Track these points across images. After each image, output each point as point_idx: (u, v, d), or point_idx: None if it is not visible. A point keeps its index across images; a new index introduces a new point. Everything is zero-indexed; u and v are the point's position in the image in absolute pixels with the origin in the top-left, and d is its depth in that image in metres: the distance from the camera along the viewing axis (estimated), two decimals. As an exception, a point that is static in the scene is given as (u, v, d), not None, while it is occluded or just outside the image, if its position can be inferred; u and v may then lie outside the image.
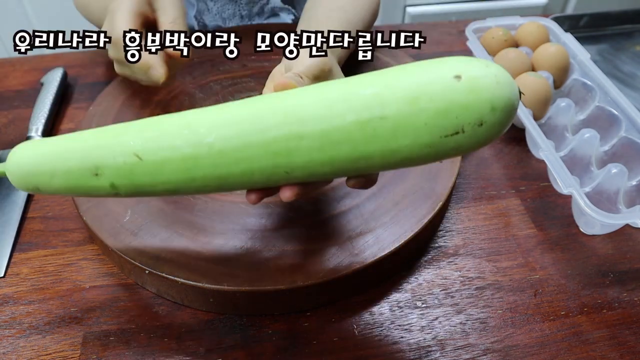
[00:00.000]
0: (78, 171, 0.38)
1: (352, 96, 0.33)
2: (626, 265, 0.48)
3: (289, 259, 0.43)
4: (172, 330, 0.43)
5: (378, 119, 0.32)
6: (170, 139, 0.36)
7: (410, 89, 0.32)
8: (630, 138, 0.53)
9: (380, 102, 0.32)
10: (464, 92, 0.31)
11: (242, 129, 0.34)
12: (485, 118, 0.31)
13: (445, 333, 0.43)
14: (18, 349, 0.42)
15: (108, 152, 0.37)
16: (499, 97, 0.31)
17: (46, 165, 0.38)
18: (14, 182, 0.40)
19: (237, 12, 0.77)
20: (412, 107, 0.31)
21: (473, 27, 0.69)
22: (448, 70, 0.31)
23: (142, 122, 0.38)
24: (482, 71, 0.31)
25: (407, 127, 0.32)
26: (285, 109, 0.34)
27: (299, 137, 0.33)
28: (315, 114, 0.33)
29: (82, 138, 0.39)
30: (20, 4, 1.35)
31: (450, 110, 0.31)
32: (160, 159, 0.36)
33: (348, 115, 0.33)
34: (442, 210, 0.49)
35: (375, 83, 0.33)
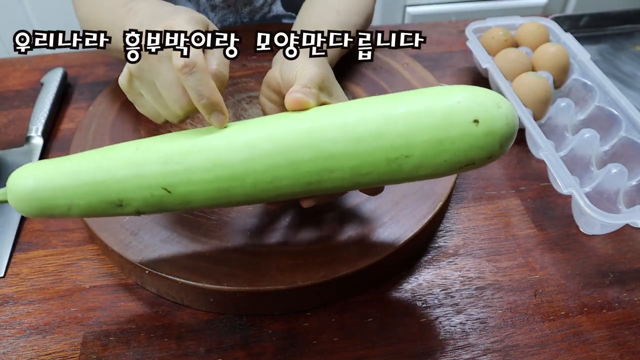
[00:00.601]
0: (99, 204, 0.37)
1: (382, 134, 0.35)
2: (626, 265, 0.48)
3: (289, 259, 0.43)
4: (172, 330, 0.43)
5: (404, 157, 0.35)
6: (200, 174, 0.36)
7: (435, 133, 0.35)
8: (630, 138, 0.53)
9: (407, 144, 0.35)
10: (481, 136, 0.35)
11: (274, 163, 0.36)
12: (494, 153, 0.36)
13: (445, 333, 0.43)
14: (18, 349, 0.42)
15: (133, 186, 0.36)
16: (507, 136, 0.35)
17: (60, 199, 0.37)
18: (18, 210, 0.38)
19: (238, 21, 0.77)
20: (436, 148, 0.35)
21: (473, 27, 0.69)
22: (467, 114, 0.34)
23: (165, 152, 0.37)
24: (495, 114, 0.35)
25: (429, 164, 0.36)
26: (317, 145, 0.35)
27: (330, 171, 0.36)
28: (346, 151, 0.35)
29: (99, 168, 0.37)
30: (20, 4, 1.35)
31: (468, 151, 0.35)
32: (190, 191, 0.36)
33: (377, 153, 0.35)
34: (442, 210, 0.49)
35: (401, 121, 0.35)
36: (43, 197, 0.37)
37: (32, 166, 0.38)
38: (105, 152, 0.38)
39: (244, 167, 0.36)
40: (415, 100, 0.36)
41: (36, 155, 0.58)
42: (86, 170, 0.37)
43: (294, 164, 0.36)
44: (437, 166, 0.36)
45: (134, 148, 0.37)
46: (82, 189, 0.37)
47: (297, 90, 0.39)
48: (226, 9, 0.75)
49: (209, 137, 0.37)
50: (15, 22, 1.37)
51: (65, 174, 0.37)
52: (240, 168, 0.36)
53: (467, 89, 0.36)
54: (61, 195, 0.37)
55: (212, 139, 0.37)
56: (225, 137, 0.37)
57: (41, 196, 0.37)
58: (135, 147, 0.37)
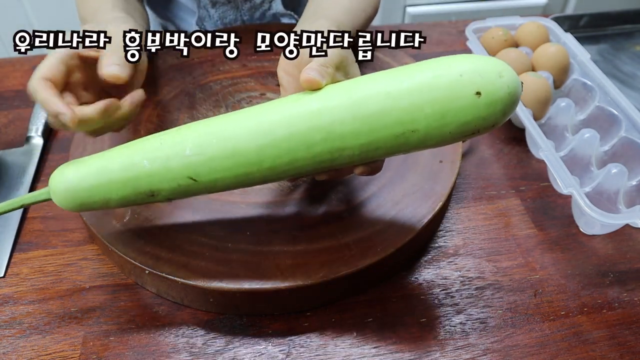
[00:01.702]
0: (133, 196, 0.40)
1: (386, 112, 0.36)
2: (626, 265, 0.48)
3: (289, 259, 0.43)
4: (172, 331, 0.43)
5: (410, 132, 0.37)
6: (222, 162, 0.39)
7: (437, 107, 0.36)
8: (630, 138, 0.53)
9: (411, 119, 0.36)
10: (483, 107, 0.36)
11: (289, 147, 0.38)
12: (498, 121, 0.37)
13: (445, 333, 0.43)
14: (18, 349, 0.42)
15: (161, 178, 0.39)
16: (509, 104, 0.36)
17: (97, 196, 0.40)
18: (62, 206, 0.41)
19: (238, 18, 0.77)
20: (440, 121, 0.36)
21: (473, 27, 0.69)
22: (470, 86, 0.35)
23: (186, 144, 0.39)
24: (497, 85, 0.35)
25: (434, 136, 0.37)
26: (326, 127, 0.37)
27: (341, 149, 0.38)
28: (354, 130, 0.37)
29: (129, 165, 0.39)
30: (20, 4, 1.35)
31: (471, 122, 0.36)
32: (213, 178, 0.39)
33: (384, 131, 0.37)
34: (442, 210, 0.49)
35: (405, 97, 0.36)
36: (81, 196, 0.40)
37: (68, 167, 0.41)
38: (132, 148, 0.40)
39: (260, 152, 0.38)
40: (418, 74, 0.37)
41: (36, 155, 0.58)
42: (117, 168, 0.40)
43: (308, 146, 0.38)
44: (443, 137, 0.37)
45: (158, 142, 0.40)
46: (116, 185, 0.40)
47: (314, 68, 0.39)
48: (226, 4, 0.75)
49: (226, 125, 0.39)
50: (15, 22, 1.37)
51: (98, 173, 0.40)
52: (257, 154, 0.38)
53: (469, 59, 0.36)
54: (97, 193, 0.40)
55: (229, 128, 0.39)
56: (240, 125, 0.39)
57: (80, 195, 0.40)
58: (159, 142, 0.40)
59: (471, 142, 0.60)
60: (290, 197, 0.49)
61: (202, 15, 0.75)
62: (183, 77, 0.63)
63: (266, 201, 0.48)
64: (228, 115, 0.40)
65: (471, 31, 0.68)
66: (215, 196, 0.48)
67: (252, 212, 0.47)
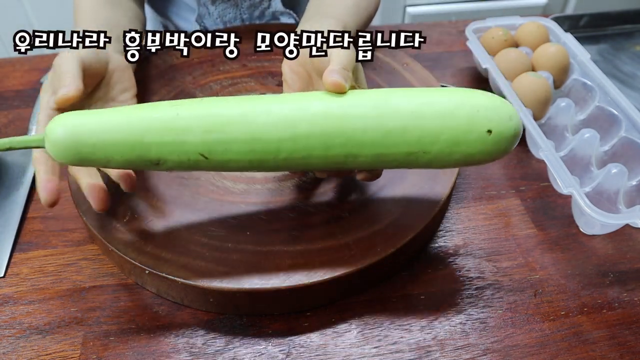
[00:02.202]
0: (138, 161, 0.39)
1: (408, 130, 0.38)
2: (626, 265, 0.48)
3: (289, 259, 0.43)
4: (172, 330, 0.43)
5: (422, 152, 0.39)
6: (239, 146, 0.38)
7: (454, 135, 0.38)
8: (630, 138, 0.53)
9: (429, 142, 0.39)
10: (490, 143, 0.39)
11: (309, 144, 0.39)
12: (497, 157, 0.40)
13: (445, 333, 0.43)
14: (18, 349, 0.42)
15: (172, 150, 0.38)
16: (512, 145, 0.40)
17: (100, 154, 0.38)
18: (56, 158, 0.38)
19: (238, 16, 0.77)
20: (451, 149, 0.39)
21: (473, 27, 0.69)
22: (484, 123, 0.38)
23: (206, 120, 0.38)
24: (506, 126, 0.38)
25: (441, 161, 0.40)
26: (348, 133, 0.39)
27: (356, 156, 0.40)
28: (374, 141, 0.39)
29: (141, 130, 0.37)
30: (20, 4, 1.35)
31: (477, 154, 0.39)
32: (226, 159, 0.39)
33: (401, 147, 0.39)
34: (442, 210, 0.49)
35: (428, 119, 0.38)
36: (84, 151, 0.37)
37: (70, 116, 0.38)
38: (146, 111, 0.39)
39: (280, 144, 0.38)
40: (444, 100, 0.39)
41: (36, 155, 0.58)
42: (128, 129, 0.38)
43: (326, 147, 0.39)
44: (447, 162, 0.40)
45: (175, 113, 0.38)
46: (123, 147, 0.38)
47: (337, 71, 0.40)
48: (226, 2, 0.75)
49: (251, 109, 0.39)
50: (15, 22, 1.37)
51: (104, 130, 0.37)
52: (277, 144, 0.38)
53: (484, 97, 0.39)
54: (101, 151, 0.38)
55: (254, 112, 0.38)
56: (266, 112, 0.38)
57: (79, 150, 0.37)
58: (176, 112, 0.38)
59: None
60: (290, 197, 0.49)
61: (201, 13, 0.75)
62: (183, 77, 0.63)
63: (266, 201, 0.48)
64: (252, 99, 0.40)
65: (471, 31, 0.68)
66: (216, 196, 0.48)
67: (252, 212, 0.47)
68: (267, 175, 0.50)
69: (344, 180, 0.50)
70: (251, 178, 0.50)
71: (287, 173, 0.51)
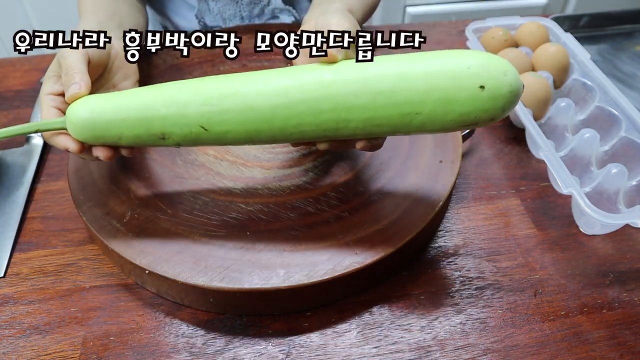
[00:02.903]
0: (146, 136, 0.42)
1: (397, 91, 0.39)
2: (626, 265, 0.48)
3: (289, 259, 0.43)
4: (172, 331, 0.43)
5: (415, 113, 0.39)
6: (235, 116, 0.41)
7: (444, 93, 0.38)
8: (630, 138, 0.53)
9: (419, 101, 0.39)
10: (485, 100, 0.38)
11: (300, 111, 0.40)
12: (496, 116, 0.39)
13: (445, 333, 0.43)
14: (18, 349, 0.42)
15: (175, 122, 0.41)
16: (509, 101, 0.39)
17: (113, 130, 0.42)
18: (75, 136, 0.42)
19: (237, 12, 0.77)
20: (444, 108, 0.39)
21: (473, 27, 0.69)
22: (475, 79, 0.38)
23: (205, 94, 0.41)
24: (500, 81, 0.38)
25: (436, 121, 0.40)
26: (336, 97, 0.39)
27: (347, 121, 0.40)
28: (362, 104, 0.39)
29: (147, 106, 0.41)
30: (20, 4, 1.35)
31: (472, 112, 0.39)
32: (224, 130, 0.41)
33: (391, 109, 0.39)
34: (442, 210, 0.49)
35: (416, 80, 0.39)
36: (98, 128, 0.42)
37: (88, 100, 0.42)
38: (152, 91, 0.42)
39: (272, 112, 0.40)
40: (431, 61, 0.39)
41: (36, 156, 0.58)
42: (135, 106, 0.41)
43: (316, 112, 0.40)
44: (443, 123, 0.40)
45: (177, 89, 0.42)
46: (131, 122, 0.41)
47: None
48: None
49: (244, 82, 0.41)
50: (15, 22, 1.37)
51: (117, 108, 0.42)
52: (269, 112, 0.40)
53: (478, 55, 0.39)
54: (114, 127, 0.42)
55: (247, 85, 0.41)
56: (258, 84, 0.41)
57: (96, 127, 0.42)
58: (178, 88, 0.42)
59: (471, 142, 0.60)
60: (290, 196, 0.49)
61: (201, 9, 0.75)
62: (183, 77, 0.63)
63: (266, 201, 0.48)
64: (246, 74, 0.42)
65: (471, 31, 0.68)
66: (216, 196, 0.48)
67: (252, 212, 0.47)
68: (267, 175, 0.50)
69: (344, 181, 0.50)
70: (251, 178, 0.50)
71: (288, 173, 0.51)
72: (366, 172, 0.51)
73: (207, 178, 0.50)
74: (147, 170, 0.51)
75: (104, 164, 0.52)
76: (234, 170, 0.51)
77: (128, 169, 0.51)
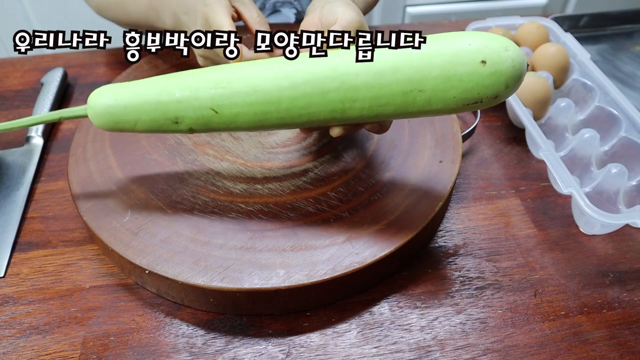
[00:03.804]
0: (161, 120, 0.44)
1: (398, 69, 0.40)
2: (626, 265, 0.48)
3: (289, 259, 0.43)
4: (172, 330, 0.43)
5: (418, 91, 0.40)
6: (244, 97, 0.42)
7: (444, 69, 0.39)
8: (630, 138, 0.53)
9: (420, 78, 0.40)
10: (487, 75, 0.38)
11: (306, 91, 0.41)
12: (500, 93, 0.39)
13: (445, 333, 0.43)
14: (18, 349, 0.42)
15: (187, 106, 0.43)
16: (512, 77, 0.39)
17: (131, 115, 0.44)
18: (95, 124, 0.45)
19: None
20: (445, 84, 0.39)
21: (473, 27, 0.69)
22: (476, 54, 0.38)
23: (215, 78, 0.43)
24: (502, 56, 0.38)
25: (439, 98, 0.40)
26: (341, 77, 0.41)
27: (353, 100, 0.41)
28: (366, 83, 0.40)
29: (162, 91, 0.43)
30: (20, 4, 1.35)
31: (475, 88, 0.39)
32: (234, 112, 0.43)
33: (394, 86, 0.40)
34: (442, 210, 0.49)
35: (416, 58, 0.40)
36: (116, 113, 0.44)
37: (107, 88, 0.45)
38: (167, 78, 0.45)
39: (279, 93, 0.42)
40: (432, 42, 0.40)
41: (36, 155, 0.58)
42: (151, 92, 0.44)
43: (322, 92, 0.41)
44: (447, 101, 0.40)
45: (190, 75, 0.44)
46: (147, 107, 0.43)
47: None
48: None
49: (253, 67, 0.43)
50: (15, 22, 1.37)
51: (134, 94, 0.44)
52: (277, 94, 0.42)
53: (480, 35, 0.40)
54: (131, 112, 0.44)
55: (255, 69, 0.43)
56: (266, 68, 0.42)
57: (114, 112, 0.44)
58: (192, 74, 0.44)
59: (471, 142, 0.60)
60: (290, 196, 0.49)
61: None
62: (183, 77, 0.63)
63: (266, 201, 0.48)
64: (257, 61, 0.44)
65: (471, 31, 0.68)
66: (216, 196, 0.48)
67: (252, 211, 0.47)
68: (267, 175, 0.50)
69: (344, 181, 0.50)
70: (251, 178, 0.50)
71: (288, 173, 0.51)
72: (366, 172, 0.51)
73: (207, 178, 0.50)
74: (146, 170, 0.51)
75: (104, 164, 0.52)
76: (234, 170, 0.51)
77: (128, 169, 0.51)
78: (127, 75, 0.63)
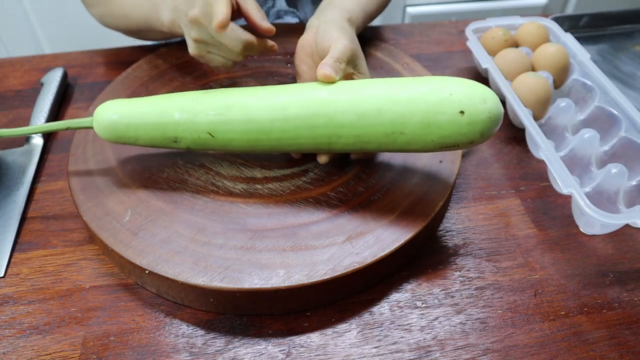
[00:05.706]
0: (161, 139, 0.48)
1: (382, 112, 0.43)
2: (626, 265, 0.48)
3: (289, 259, 0.43)
4: (172, 331, 0.43)
5: (399, 133, 0.43)
6: (238, 125, 0.45)
7: (425, 117, 0.42)
8: (630, 138, 0.53)
9: (402, 123, 0.43)
10: (464, 125, 0.41)
11: (297, 125, 0.45)
12: (475, 140, 0.42)
13: (445, 333, 0.43)
14: (18, 349, 0.42)
15: (186, 128, 0.46)
16: (487, 127, 0.42)
17: (132, 132, 0.47)
18: (100, 135, 0.49)
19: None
20: (425, 130, 0.42)
21: (473, 27, 0.69)
22: (456, 105, 0.41)
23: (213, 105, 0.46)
24: (479, 108, 0.41)
25: (418, 141, 0.43)
26: (330, 115, 0.44)
27: (339, 136, 0.45)
28: (352, 122, 0.44)
29: (163, 112, 0.47)
30: (20, 4, 1.35)
31: (452, 135, 0.42)
32: (229, 137, 0.46)
33: (377, 127, 0.43)
34: (442, 210, 0.49)
35: (400, 103, 0.42)
36: (119, 129, 0.48)
37: (114, 103, 0.48)
38: (169, 99, 0.48)
39: (271, 124, 0.45)
40: (416, 87, 0.43)
41: (36, 155, 0.58)
42: (153, 112, 0.47)
43: (311, 127, 0.44)
44: (426, 144, 0.43)
45: (190, 99, 0.47)
46: (149, 126, 0.47)
47: (329, 64, 0.46)
48: None
49: (248, 96, 0.46)
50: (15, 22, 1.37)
51: (137, 113, 0.47)
52: (269, 125, 0.45)
53: (462, 83, 0.42)
54: (133, 129, 0.47)
55: (250, 99, 0.46)
56: (260, 98, 0.46)
57: (118, 128, 0.48)
58: (191, 98, 0.47)
59: (471, 142, 0.60)
60: (290, 196, 0.49)
61: None
62: (183, 77, 0.63)
63: (266, 201, 0.48)
64: (251, 89, 0.47)
65: (471, 31, 0.68)
66: (216, 196, 0.48)
67: (252, 211, 0.47)
68: (267, 175, 0.50)
69: (343, 181, 0.50)
70: (251, 178, 0.50)
71: (287, 173, 0.51)
72: (366, 172, 0.51)
73: (207, 178, 0.50)
74: (146, 170, 0.51)
75: (104, 164, 0.52)
76: (234, 170, 0.51)
77: (128, 169, 0.51)
78: (127, 75, 0.63)
